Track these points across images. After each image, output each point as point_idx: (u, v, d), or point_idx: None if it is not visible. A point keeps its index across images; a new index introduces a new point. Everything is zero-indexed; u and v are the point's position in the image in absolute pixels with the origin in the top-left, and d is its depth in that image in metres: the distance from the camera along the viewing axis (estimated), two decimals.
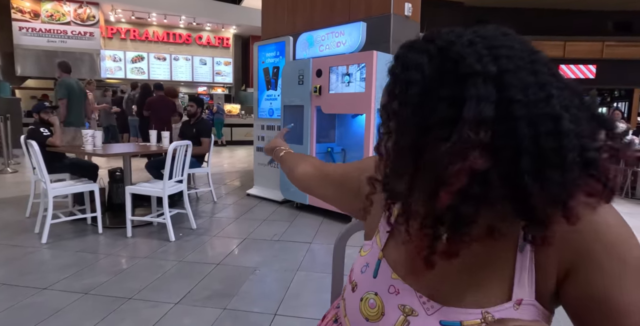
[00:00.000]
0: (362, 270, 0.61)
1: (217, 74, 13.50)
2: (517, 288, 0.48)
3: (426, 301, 0.53)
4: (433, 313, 0.52)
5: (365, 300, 0.58)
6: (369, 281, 0.59)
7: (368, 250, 0.63)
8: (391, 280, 0.57)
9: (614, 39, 13.64)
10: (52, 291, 2.28)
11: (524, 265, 0.48)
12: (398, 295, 0.56)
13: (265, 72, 4.91)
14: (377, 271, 0.59)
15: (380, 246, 0.61)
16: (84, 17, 10.91)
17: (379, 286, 0.58)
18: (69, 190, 3.30)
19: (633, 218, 4.13)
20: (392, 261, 0.59)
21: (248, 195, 4.88)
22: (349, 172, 0.76)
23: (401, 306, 0.55)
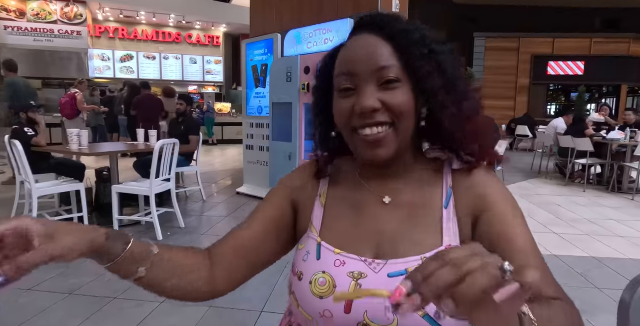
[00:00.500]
0: (304, 259, 0.63)
1: (208, 72, 13.43)
2: (446, 236, 0.59)
3: (372, 262, 0.59)
4: (380, 270, 0.58)
5: (315, 281, 0.59)
6: (314, 264, 0.61)
7: (305, 242, 0.65)
8: (335, 255, 0.61)
9: (602, 36, 13.77)
10: (37, 292, 2.25)
11: (449, 218, 0.61)
12: (345, 265, 0.59)
13: (254, 69, 4.90)
14: (320, 253, 0.62)
15: (317, 233, 0.65)
16: (71, 15, 10.77)
17: (325, 265, 0.60)
18: (54, 190, 3.26)
19: (619, 212, 4.19)
20: (331, 241, 0.63)
21: (238, 194, 4.86)
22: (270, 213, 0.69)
23: (350, 273, 0.58)
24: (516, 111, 13.18)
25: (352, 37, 0.62)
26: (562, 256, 2.88)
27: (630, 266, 2.72)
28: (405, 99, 0.57)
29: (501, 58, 13.61)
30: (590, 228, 3.63)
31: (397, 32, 0.58)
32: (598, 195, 5.04)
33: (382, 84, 0.57)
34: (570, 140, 5.49)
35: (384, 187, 0.65)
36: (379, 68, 0.57)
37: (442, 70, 0.58)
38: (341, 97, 0.59)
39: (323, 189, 0.69)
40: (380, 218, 0.63)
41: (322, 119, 0.68)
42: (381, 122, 0.56)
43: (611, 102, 14.73)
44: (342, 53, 0.61)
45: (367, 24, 0.61)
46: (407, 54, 0.57)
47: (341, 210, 0.66)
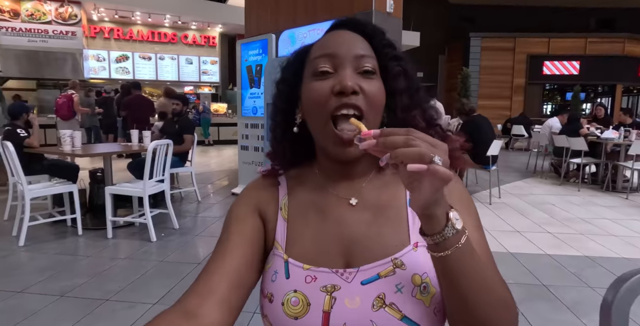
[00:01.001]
0: (273, 279, 0.59)
1: (204, 73, 13.39)
2: (413, 234, 0.59)
3: (343, 272, 0.57)
4: (352, 279, 0.57)
5: (287, 302, 0.57)
6: (284, 283, 0.58)
7: (271, 261, 0.62)
8: (304, 271, 0.58)
9: (597, 36, 13.84)
10: (27, 294, 2.24)
11: (414, 215, 0.60)
12: (316, 280, 0.57)
13: (249, 70, 4.89)
14: (288, 272, 0.59)
15: (282, 249, 0.62)
16: (66, 16, 10.72)
17: (295, 283, 0.57)
18: (47, 192, 3.24)
19: (613, 211, 4.20)
20: (298, 256, 0.60)
21: (233, 194, 4.85)
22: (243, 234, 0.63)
23: (322, 287, 0.57)
24: (512, 110, 13.24)
25: (329, 33, 0.63)
26: (556, 256, 2.89)
27: (623, 265, 2.72)
28: (379, 92, 0.58)
29: (497, 58, 13.67)
30: (584, 227, 3.64)
31: (373, 32, 0.61)
32: (592, 194, 5.06)
33: (360, 72, 0.57)
34: (565, 140, 5.51)
35: (348, 187, 0.64)
36: (359, 55, 0.58)
37: (408, 75, 0.62)
38: (316, 79, 0.58)
39: (283, 201, 0.66)
40: (347, 222, 0.61)
41: (285, 115, 0.66)
42: (357, 106, 0.56)
43: (606, 101, 14.80)
44: (320, 41, 0.62)
45: (344, 23, 0.63)
46: (381, 53, 0.60)
47: (305, 219, 0.63)
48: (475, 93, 13.13)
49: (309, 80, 0.60)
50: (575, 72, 13.83)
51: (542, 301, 2.21)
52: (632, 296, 0.65)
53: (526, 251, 2.99)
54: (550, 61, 13.81)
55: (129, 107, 5.98)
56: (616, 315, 0.65)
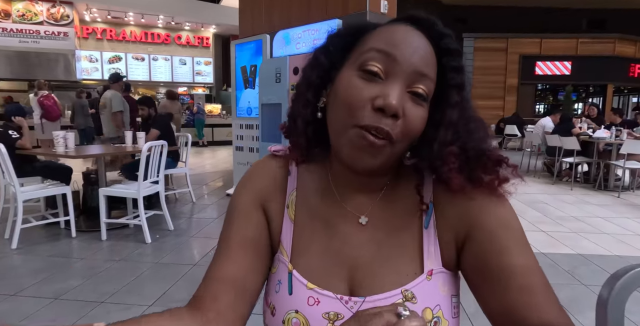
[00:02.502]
0: (276, 290, 0.56)
1: (198, 73, 13.36)
2: (427, 260, 0.53)
3: (348, 300, 0.53)
4: (358, 308, 0.52)
5: (288, 321, 0.54)
6: (286, 299, 0.55)
7: (276, 265, 0.58)
8: (308, 291, 0.54)
9: (588, 36, 13.98)
10: (21, 297, 2.21)
11: (430, 239, 0.54)
12: (319, 304, 0.54)
13: (243, 70, 4.88)
14: (291, 287, 0.55)
15: (288, 257, 0.57)
16: (58, 16, 10.63)
17: (297, 303, 0.54)
18: (40, 194, 3.21)
19: (605, 209, 4.25)
20: (303, 270, 0.56)
21: (228, 195, 4.83)
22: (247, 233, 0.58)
23: (325, 314, 0.53)
24: (505, 110, 13.32)
25: (398, 24, 0.51)
26: (550, 254, 2.92)
27: (615, 262, 2.76)
28: (421, 122, 0.49)
29: (490, 58, 13.75)
30: (577, 225, 3.68)
31: (448, 51, 0.51)
32: (585, 193, 5.11)
33: (410, 91, 0.48)
34: (557, 139, 5.56)
35: (359, 201, 0.57)
36: (420, 72, 0.48)
37: (463, 106, 0.51)
38: (361, 77, 0.48)
39: (290, 198, 0.60)
40: (355, 243, 0.56)
41: (313, 92, 0.55)
42: (389, 134, 0.47)
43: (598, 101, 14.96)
44: (385, 29, 0.51)
45: (421, 23, 0.51)
46: (447, 76, 0.51)
47: (312, 229, 0.58)
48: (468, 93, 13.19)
49: (352, 70, 0.50)
50: (567, 72, 13.96)
51: None
52: (627, 293, 0.66)
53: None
54: (542, 61, 13.92)
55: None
56: (612, 312, 0.65)
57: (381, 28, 0.52)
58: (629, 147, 4.75)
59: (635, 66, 14.39)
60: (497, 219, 0.51)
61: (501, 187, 0.52)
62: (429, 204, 0.55)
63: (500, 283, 0.49)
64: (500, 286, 0.49)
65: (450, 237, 0.54)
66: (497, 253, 0.50)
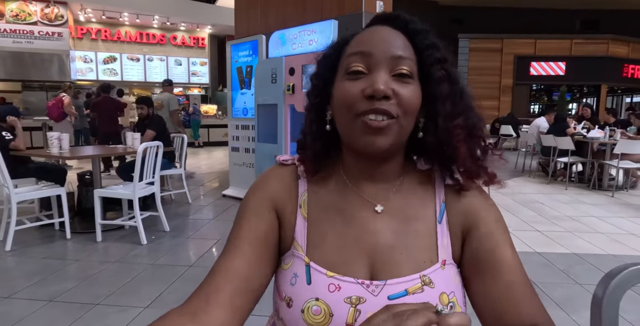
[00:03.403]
0: (292, 282, 0.57)
1: (193, 74, 13.31)
2: (441, 251, 0.58)
3: (370, 284, 0.55)
4: (379, 292, 0.55)
5: (307, 310, 0.54)
6: (304, 289, 0.55)
7: (290, 262, 0.59)
8: (328, 278, 0.55)
9: (582, 37, 14.08)
10: (15, 299, 2.19)
11: (443, 232, 0.59)
12: (340, 290, 0.55)
13: (239, 71, 4.87)
14: (310, 277, 0.56)
15: (303, 251, 0.58)
16: (52, 16, 10.56)
17: (317, 291, 0.55)
18: (34, 195, 3.18)
19: (600, 209, 4.28)
20: (320, 261, 0.57)
21: (224, 196, 4.82)
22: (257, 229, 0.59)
23: (347, 299, 0.54)
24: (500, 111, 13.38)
25: (369, 27, 0.59)
26: (545, 253, 2.93)
27: (610, 261, 2.78)
28: (415, 97, 0.54)
29: (485, 59, 13.82)
30: (571, 225, 3.70)
31: (415, 30, 0.56)
32: (579, 193, 5.15)
33: (395, 75, 0.54)
34: (552, 139, 5.59)
35: (375, 190, 0.61)
36: (397, 56, 0.54)
37: (452, 79, 0.56)
38: (348, 79, 0.55)
39: (302, 198, 0.62)
40: (373, 229, 0.58)
41: (317, 111, 0.62)
42: (388, 111, 0.52)
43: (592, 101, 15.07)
44: (358, 36, 0.58)
45: (388, 18, 0.58)
46: (424, 55, 0.55)
47: (327, 221, 0.60)
48: None
49: (341, 78, 0.56)
50: (561, 73, 14.05)
51: None
52: (621, 292, 0.67)
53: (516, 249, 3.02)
54: (537, 62, 14.01)
55: (97, 108, 6.05)
56: (606, 311, 0.66)
57: (356, 35, 0.59)
58: (623, 147, 4.79)
59: (628, 66, 14.51)
60: (496, 220, 0.60)
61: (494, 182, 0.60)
62: (442, 204, 0.61)
63: (490, 277, 0.55)
64: (491, 279, 0.55)
65: (458, 231, 0.60)
66: (493, 250, 0.57)
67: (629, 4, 15.43)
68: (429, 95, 0.56)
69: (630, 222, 3.78)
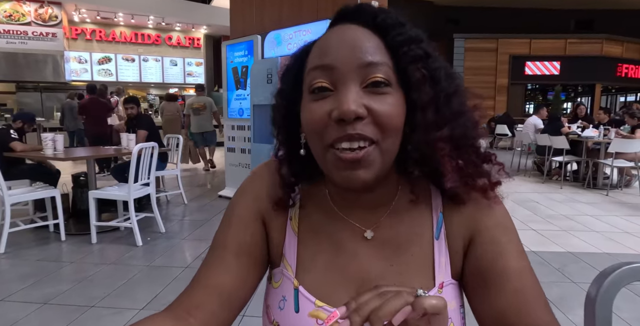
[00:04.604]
0: (280, 306, 0.54)
1: (189, 74, 13.26)
2: (438, 273, 0.53)
3: None
4: None
5: None
6: (292, 317, 0.52)
7: (279, 280, 0.56)
8: (316, 308, 0.52)
9: (576, 37, 14.17)
10: (8, 302, 2.17)
11: (441, 250, 0.53)
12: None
13: (234, 71, 4.86)
14: (298, 304, 0.52)
15: (293, 273, 0.55)
16: (46, 17, 10.49)
17: (304, 322, 0.52)
18: (28, 197, 3.16)
19: (594, 207, 4.30)
20: (310, 287, 0.53)
21: (220, 197, 4.81)
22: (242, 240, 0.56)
23: None
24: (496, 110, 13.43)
25: (331, 28, 0.49)
26: (540, 252, 2.94)
27: (605, 260, 2.79)
28: (395, 109, 0.45)
29: (480, 58, 13.88)
30: (566, 223, 3.72)
31: (389, 25, 0.46)
32: (574, 192, 5.18)
33: (367, 86, 0.44)
34: (547, 138, 5.62)
35: (362, 218, 0.55)
36: (366, 63, 0.44)
37: (435, 79, 0.46)
38: (313, 99, 0.46)
39: (294, 210, 0.57)
40: (362, 259, 0.54)
41: (287, 134, 0.55)
42: (363, 135, 0.44)
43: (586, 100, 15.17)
44: (318, 43, 0.48)
45: (352, 13, 0.48)
46: (400, 53, 0.46)
47: (317, 245, 0.55)
48: None
49: (306, 97, 0.48)
50: (555, 72, 14.14)
51: None
52: (615, 290, 0.67)
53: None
54: (531, 61, 14.08)
55: (84, 110, 6.10)
56: (600, 309, 0.66)
57: (317, 41, 0.50)
58: (617, 146, 4.82)
59: (622, 66, 14.63)
60: (497, 223, 0.53)
61: (494, 190, 0.53)
62: (439, 214, 0.55)
63: (495, 286, 0.49)
64: (496, 289, 0.49)
65: (459, 245, 0.54)
66: (496, 256, 0.51)
67: (622, 4, 15.54)
68: (409, 102, 0.47)
69: (624, 221, 3.81)
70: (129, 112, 4.35)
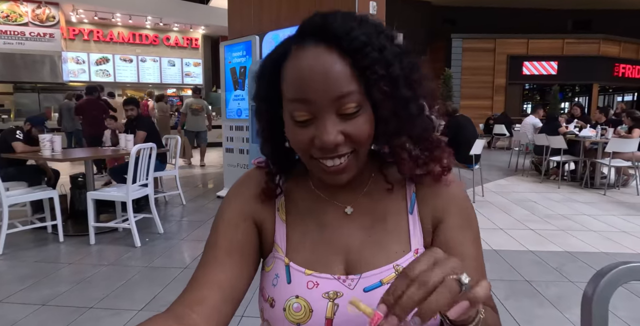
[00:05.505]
0: (274, 283, 0.59)
1: (187, 75, 13.24)
2: (413, 241, 0.60)
3: (346, 279, 0.57)
4: (355, 285, 0.57)
5: (289, 308, 0.56)
6: (285, 288, 0.57)
7: (271, 264, 0.61)
8: (306, 276, 0.58)
9: (574, 37, 14.22)
10: (7, 303, 2.17)
11: (415, 223, 0.61)
12: (318, 286, 0.57)
13: (233, 72, 4.85)
14: (290, 276, 0.58)
15: (283, 253, 0.60)
16: (43, 17, 10.46)
17: (297, 289, 0.57)
18: (26, 198, 3.15)
19: (592, 207, 4.32)
20: (300, 262, 0.59)
21: (218, 197, 4.81)
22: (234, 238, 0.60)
23: (325, 294, 0.56)
24: (493, 110, 13.48)
25: (301, 45, 0.51)
26: (538, 252, 2.95)
27: (602, 259, 2.80)
28: (367, 127, 0.52)
29: (478, 58, 13.90)
30: (564, 223, 3.73)
31: (355, 49, 0.49)
32: (572, 191, 5.19)
33: (341, 113, 0.50)
34: (544, 138, 5.64)
35: (344, 196, 0.62)
36: (338, 96, 0.49)
37: (395, 89, 0.51)
38: (297, 125, 0.52)
39: (280, 202, 0.64)
40: (345, 230, 0.60)
41: (271, 131, 0.60)
42: (343, 154, 0.52)
43: (583, 100, 15.22)
44: (292, 70, 0.51)
45: (318, 31, 0.51)
46: (366, 74, 0.50)
47: (304, 226, 0.62)
48: (457, 93, 13.32)
49: (289, 120, 0.53)
50: (553, 72, 14.18)
51: (526, 297, 2.26)
52: (611, 289, 0.67)
53: (509, 248, 3.05)
54: (529, 61, 14.12)
55: (81, 111, 6.10)
56: (596, 308, 0.67)
57: (290, 61, 0.52)
58: (614, 146, 4.84)
59: (619, 66, 14.68)
60: (464, 211, 0.61)
61: (446, 175, 0.60)
62: (412, 194, 0.62)
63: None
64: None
65: (429, 222, 0.61)
66: (459, 241, 0.59)
67: (620, 4, 15.60)
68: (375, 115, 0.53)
69: (621, 220, 3.82)
70: (129, 113, 4.35)
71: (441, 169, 0.60)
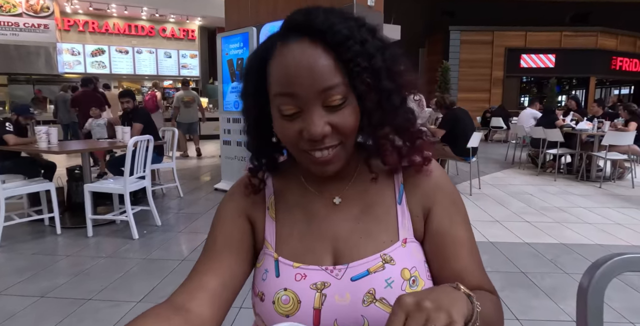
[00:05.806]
0: (263, 278, 0.60)
1: (183, 67, 13.14)
2: (402, 230, 0.60)
3: (333, 269, 0.58)
4: (342, 275, 0.58)
5: (278, 300, 0.57)
6: (274, 282, 0.59)
7: (261, 260, 0.63)
8: (294, 269, 0.59)
9: (571, 29, 14.18)
10: (5, 296, 2.18)
11: (403, 213, 0.62)
12: (306, 278, 0.58)
13: (230, 63, 4.82)
14: (279, 270, 0.59)
15: (272, 248, 0.62)
16: (37, 8, 10.31)
17: (285, 282, 0.58)
18: (22, 191, 3.14)
19: (587, 199, 4.35)
20: (288, 255, 0.60)
21: (216, 190, 4.81)
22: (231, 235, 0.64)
23: (313, 285, 0.57)
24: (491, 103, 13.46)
25: (285, 42, 0.53)
26: (533, 244, 2.98)
27: (597, 251, 2.83)
28: (353, 118, 0.54)
29: (476, 51, 13.85)
30: (560, 215, 3.76)
31: (338, 42, 0.51)
32: (568, 184, 5.22)
33: (327, 105, 0.52)
34: (541, 131, 5.65)
35: (332, 187, 0.63)
36: (324, 89, 0.50)
37: (377, 80, 0.53)
38: (284, 119, 0.54)
39: (269, 201, 0.66)
40: (333, 221, 0.62)
41: (257, 128, 0.62)
42: (331, 145, 0.54)
43: (580, 93, 15.22)
44: (278, 67, 0.53)
45: (302, 26, 0.52)
46: (350, 67, 0.51)
47: (293, 219, 0.63)
48: (455, 86, 13.31)
49: (276, 113, 0.55)
50: (551, 65, 14.16)
51: (522, 288, 2.29)
52: (606, 281, 0.68)
53: (505, 240, 3.08)
54: (527, 54, 14.09)
55: (77, 103, 6.05)
56: (592, 299, 0.67)
57: (276, 57, 0.53)
58: (610, 139, 4.86)
59: (617, 59, 14.68)
60: (450, 197, 0.63)
61: (428, 165, 0.62)
62: (400, 185, 0.63)
63: (453, 251, 0.60)
64: (454, 253, 0.60)
65: (418, 211, 0.62)
66: (450, 226, 0.61)
67: None
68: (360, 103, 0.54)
69: (617, 212, 3.85)
70: (125, 106, 4.31)
71: (422, 159, 0.61)
